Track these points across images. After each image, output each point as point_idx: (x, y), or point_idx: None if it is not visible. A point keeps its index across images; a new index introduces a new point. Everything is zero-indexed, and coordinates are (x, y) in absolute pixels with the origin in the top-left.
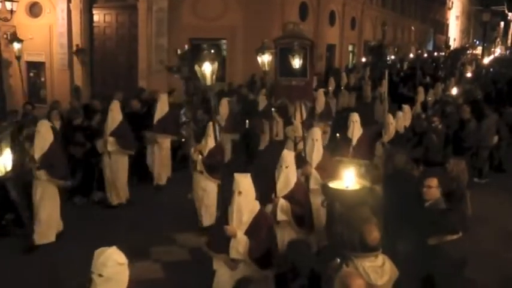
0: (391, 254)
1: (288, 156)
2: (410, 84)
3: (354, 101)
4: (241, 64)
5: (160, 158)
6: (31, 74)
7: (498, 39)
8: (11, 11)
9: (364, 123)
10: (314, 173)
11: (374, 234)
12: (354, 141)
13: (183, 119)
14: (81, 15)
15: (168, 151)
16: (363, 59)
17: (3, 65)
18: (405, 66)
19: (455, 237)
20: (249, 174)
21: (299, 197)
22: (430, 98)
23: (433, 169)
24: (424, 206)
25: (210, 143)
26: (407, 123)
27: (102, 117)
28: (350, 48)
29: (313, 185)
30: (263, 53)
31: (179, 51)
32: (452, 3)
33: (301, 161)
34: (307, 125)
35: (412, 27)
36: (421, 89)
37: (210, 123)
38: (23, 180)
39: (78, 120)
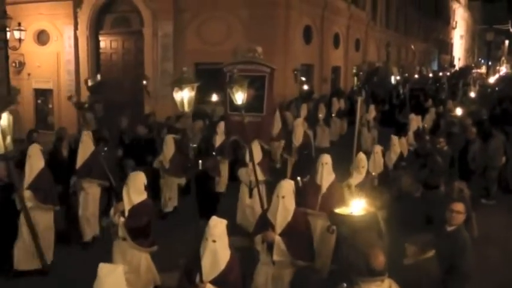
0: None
1: (217, 226)
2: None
3: (345, 128)
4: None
5: (86, 208)
6: (39, 101)
7: (503, 58)
8: (19, 40)
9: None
10: (278, 241)
11: (380, 259)
12: (324, 189)
13: (190, 145)
14: (88, 42)
15: (96, 201)
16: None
17: (12, 92)
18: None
19: (430, 254)
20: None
21: (232, 280)
22: (426, 125)
23: (434, 191)
24: (447, 230)
25: (133, 199)
26: (395, 157)
27: (108, 145)
28: (355, 70)
29: (277, 256)
30: (180, 88)
31: (90, 82)
32: (456, 22)
33: (263, 222)
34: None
35: (412, 46)
36: (413, 117)
37: (134, 174)
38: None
39: None
